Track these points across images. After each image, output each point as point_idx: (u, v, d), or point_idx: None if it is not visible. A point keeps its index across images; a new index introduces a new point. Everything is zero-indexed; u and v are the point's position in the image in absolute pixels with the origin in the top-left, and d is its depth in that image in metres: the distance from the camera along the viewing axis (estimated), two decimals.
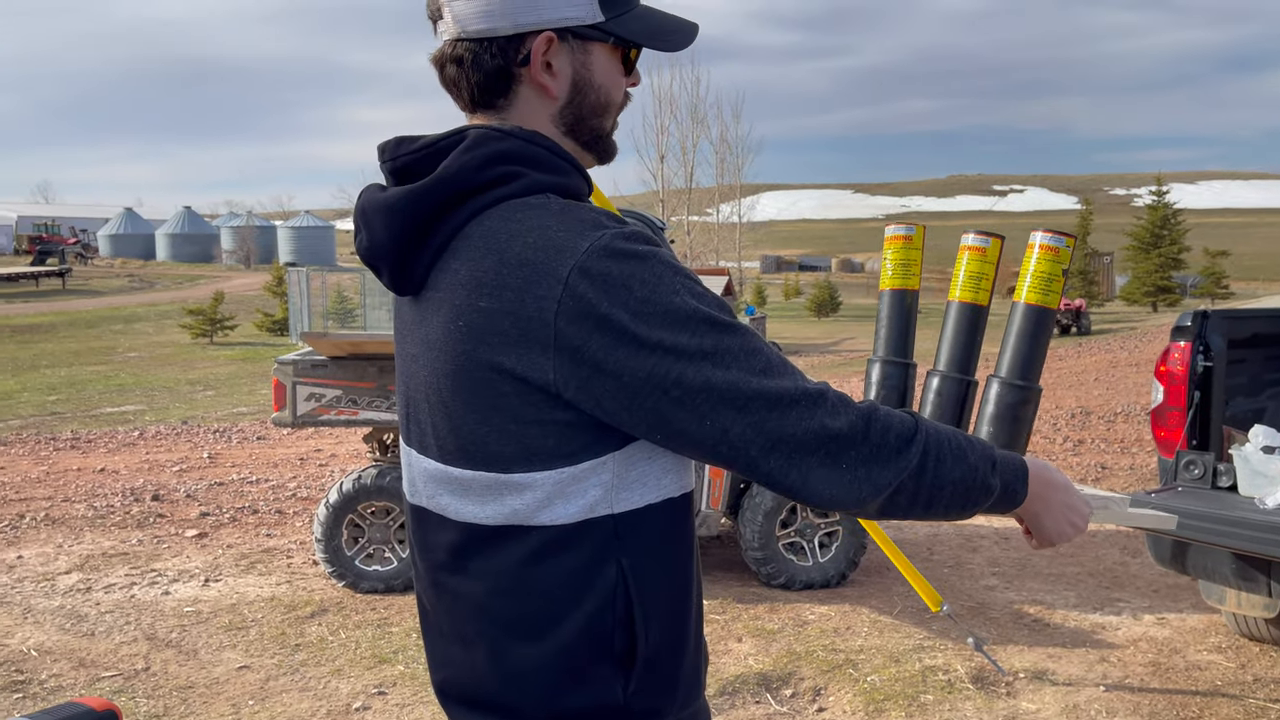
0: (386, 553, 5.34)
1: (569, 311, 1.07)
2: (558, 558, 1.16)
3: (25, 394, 14.56)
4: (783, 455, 1.10)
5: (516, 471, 1.15)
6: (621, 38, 1.21)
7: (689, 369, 1.08)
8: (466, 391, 1.14)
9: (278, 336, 23.15)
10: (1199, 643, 4.57)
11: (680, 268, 1.13)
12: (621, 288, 1.08)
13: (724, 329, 1.10)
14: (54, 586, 5.53)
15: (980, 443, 1.23)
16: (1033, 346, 1.52)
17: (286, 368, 5.26)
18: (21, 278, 39.05)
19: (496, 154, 1.15)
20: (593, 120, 1.23)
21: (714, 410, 1.09)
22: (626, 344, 1.07)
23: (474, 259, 1.12)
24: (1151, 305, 35.35)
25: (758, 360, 1.11)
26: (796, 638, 4.65)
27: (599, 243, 1.09)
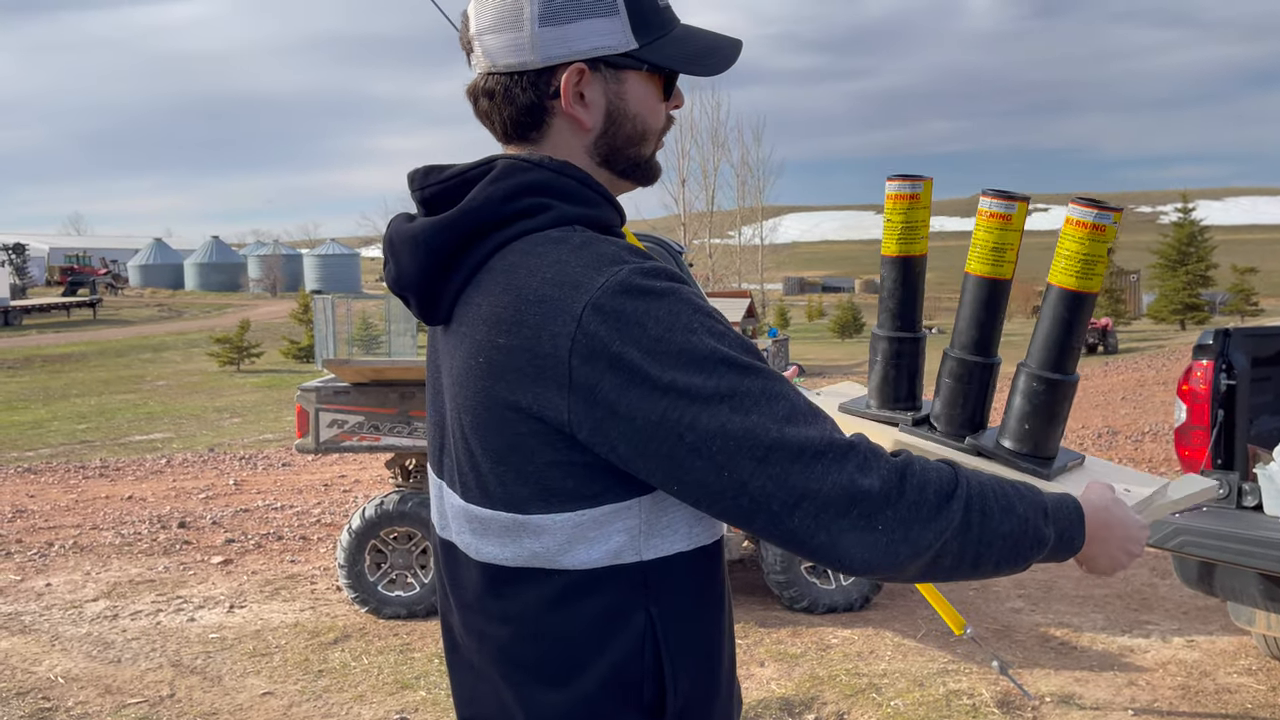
0: (409, 578, 5.36)
1: (582, 349, 1.03)
2: (581, 603, 1.12)
3: (56, 422, 14.75)
4: (808, 513, 1.03)
5: (534, 513, 1.11)
6: (656, 65, 1.17)
7: (704, 413, 1.02)
8: (485, 429, 1.11)
9: (303, 363, 23.35)
10: (1229, 665, 4.50)
11: (701, 305, 1.07)
12: (635, 325, 1.03)
13: (744, 370, 1.04)
14: (81, 614, 5.59)
15: (1028, 489, 1.16)
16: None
17: (309, 394, 5.31)
18: (53, 308, 39.65)
19: (524, 185, 1.12)
20: (629, 149, 1.20)
21: (731, 459, 1.02)
22: (639, 384, 1.03)
23: (494, 294, 1.10)
24: (1179, 323, 35.00)
25: (780, 406, 1.04)
26: (819, 662, 4.62)
27: (615, 278, 1.05)
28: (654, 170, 1.25)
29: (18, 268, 52.88)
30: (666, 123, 1.23)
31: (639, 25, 1.16)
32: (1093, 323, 26.57)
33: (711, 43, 1.22)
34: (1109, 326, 26.81)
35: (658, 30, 1.17)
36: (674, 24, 1.20)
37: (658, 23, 1.17)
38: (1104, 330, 26.46)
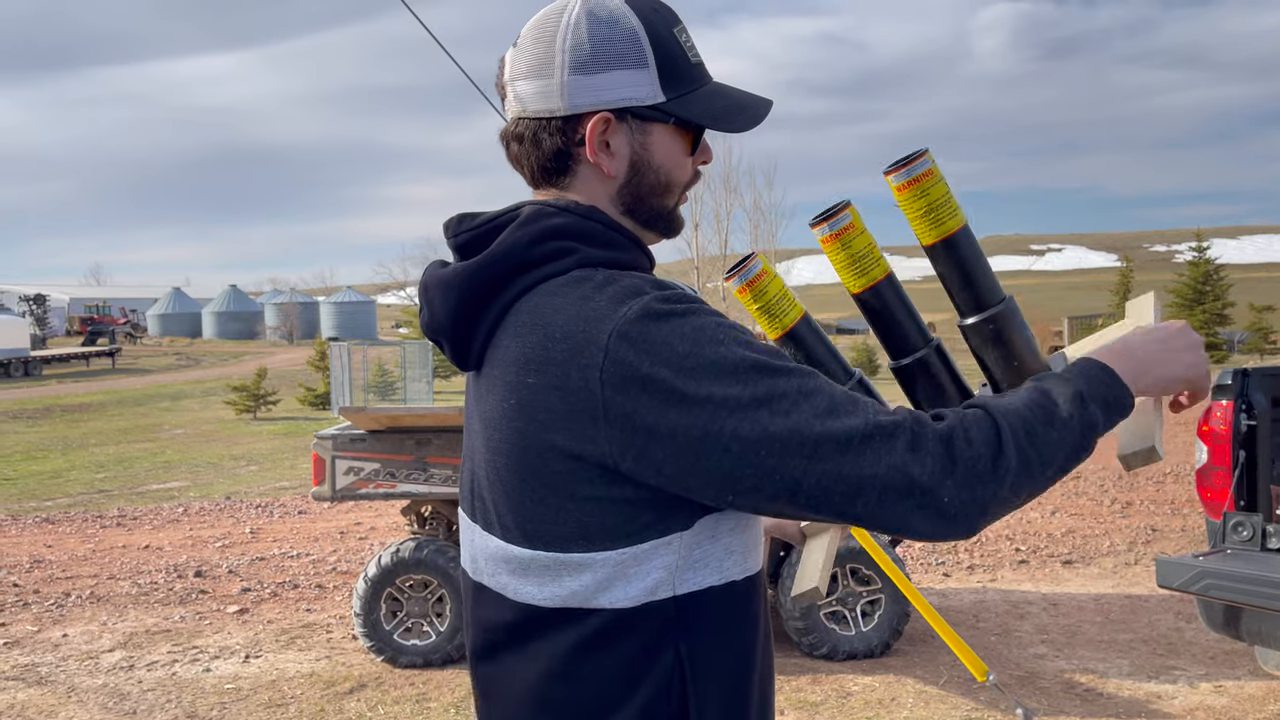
0: (425, 626, 5.33)
1: (613, 378, 1.04)
2: (615, 643, 1.12)
3: (74, 472, 14.81)
4: (870, 500, 1.04)
5: (575, 551, 1.11)
6: (683, 119, 1.18)
7: (744, 421, 1.02)
8: (523, 469, 1.12)
9: (320, 410, 23.42)
10: (1258, 710, 4.41)
11: (723, 319, 1.09)
12: (663, 345, 1.05)
13: (776, 373, 1.05)
14: (98, 665, 5.57)
15: (1054, 380, 1.14)
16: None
17: (325, 442, 5.32)
18: (73, 358, 39.99)
19: (548, 230, 1.14)
20: (652, 200, 1.21)
21: (781, 462, 1.03)
22: (676, 403, 1.03)
23: (522, 335, 1.11)
24: None
25: (819, 400, 1.05)
26: (840, 710, 4.55)
27: (636, 306, 1.06)
28: (677, 222, 1.25)
29: (38, 318, 53.51)
30: (693, 177, 1.23)
31: (668, 79, 1.17)
32: None
33: (740, 101, 1.23)
34: None
35: (688, 85, 1.18)
36: (705, 80, 1.21)
37: (688, 78, 1.19)
38: None
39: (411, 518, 5.84)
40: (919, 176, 1.27)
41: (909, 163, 1.27)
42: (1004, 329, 1.31)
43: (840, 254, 1.33)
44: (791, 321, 1.39)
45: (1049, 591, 6.58)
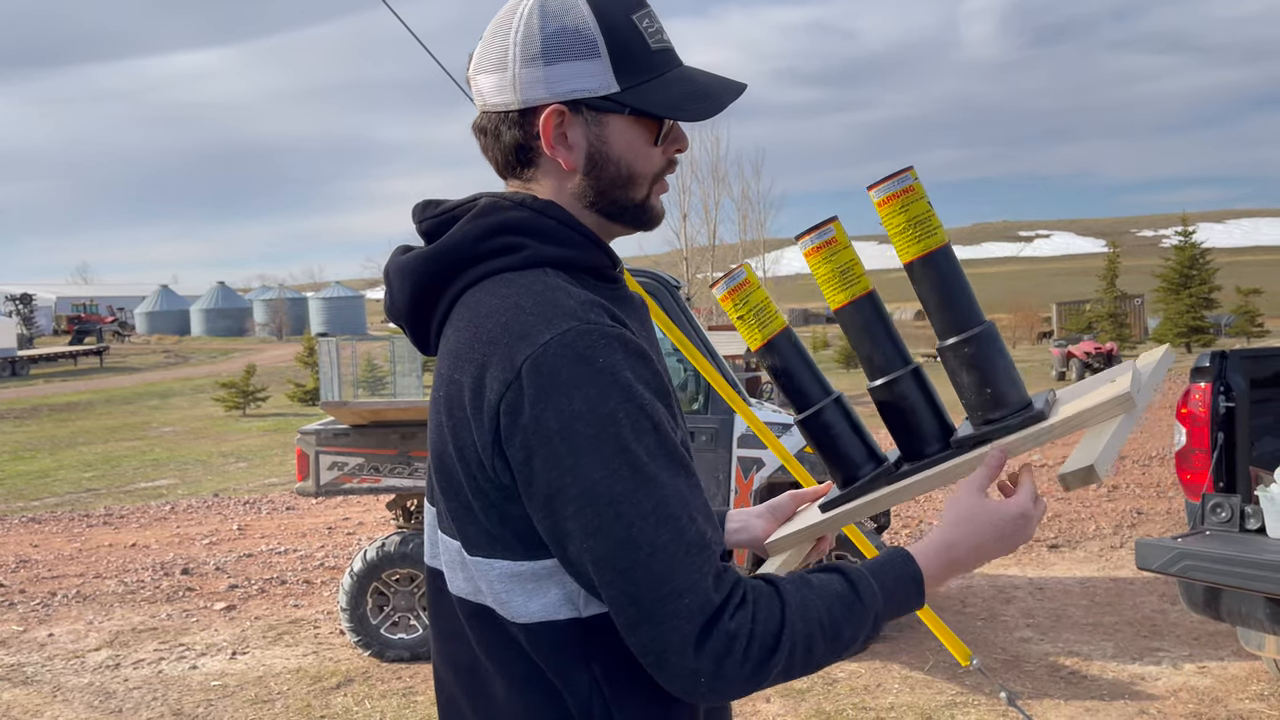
0: (412, 620, 5.32)
1: (510, 402, 1.04)
2: (525, 656, 1.13)
3: (61, 471, 14.75)
4: (646, 636, 1.04)
5: (477, 554, 1.13)
6: (637, 109, 1.14)
7: (588, 508, 1.03)
8: (442, 461, 1.14)
9: (309, 407, 23.34)
10: (1241, 691, 4.44)
11: (634, 393, 1.05)
12: (563, 394, 1.03)
13: (643, 481, 1.03)
14: (83, 664, 5.55)
15: (869, 592, 1.12)
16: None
17: (309, 437, 5.30)
18: (60, 357, 39.79)
19: (499, 224, 1.14)
20: (615, 193, 1.18)
21: (597, 561, 1.04)
22: (546, 453, 1.03)
23: (459, 329, 1.12)
24: (1185, 346, 34.91)
25: (664, 531, 1.03)
26: (826, 696, 4.57)
27: (560, 338, 1.04)
28: (649, 214, 1.21)
29: (25, 317, 53.19)
30: (665, 166, 1.20)
31: (622, 68, 1.14)
32: (1098, 347, 26.51)
33: (704, 87, 1.17)
34: (1114, 351, 26.72)
35: (645, 73, 1.15)
36: (668, 66, 1.17)
37: (646, 66, 1.15)
38: (1109, 355, 26.37)
39: (397, 512, 5.83)
40: (900, 192, 1.27)
41: (891, 178, 1.27)
42: (980, 354, 1.29)
43: (826, 267, 1.32)
44: (772, 333, 1.37)
45: (1035, 576, 6.60)
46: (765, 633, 1.05)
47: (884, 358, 1.34)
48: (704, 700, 1.06)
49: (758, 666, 1.05)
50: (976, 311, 1.31)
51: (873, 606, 1.12)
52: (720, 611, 1.04)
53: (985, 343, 1.29)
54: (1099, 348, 26.57)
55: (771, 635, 1.05)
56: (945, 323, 1.31)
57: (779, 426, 5.23)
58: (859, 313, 1.34)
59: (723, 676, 1.04)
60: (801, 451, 5.08)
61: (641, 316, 1.26)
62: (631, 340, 1.08)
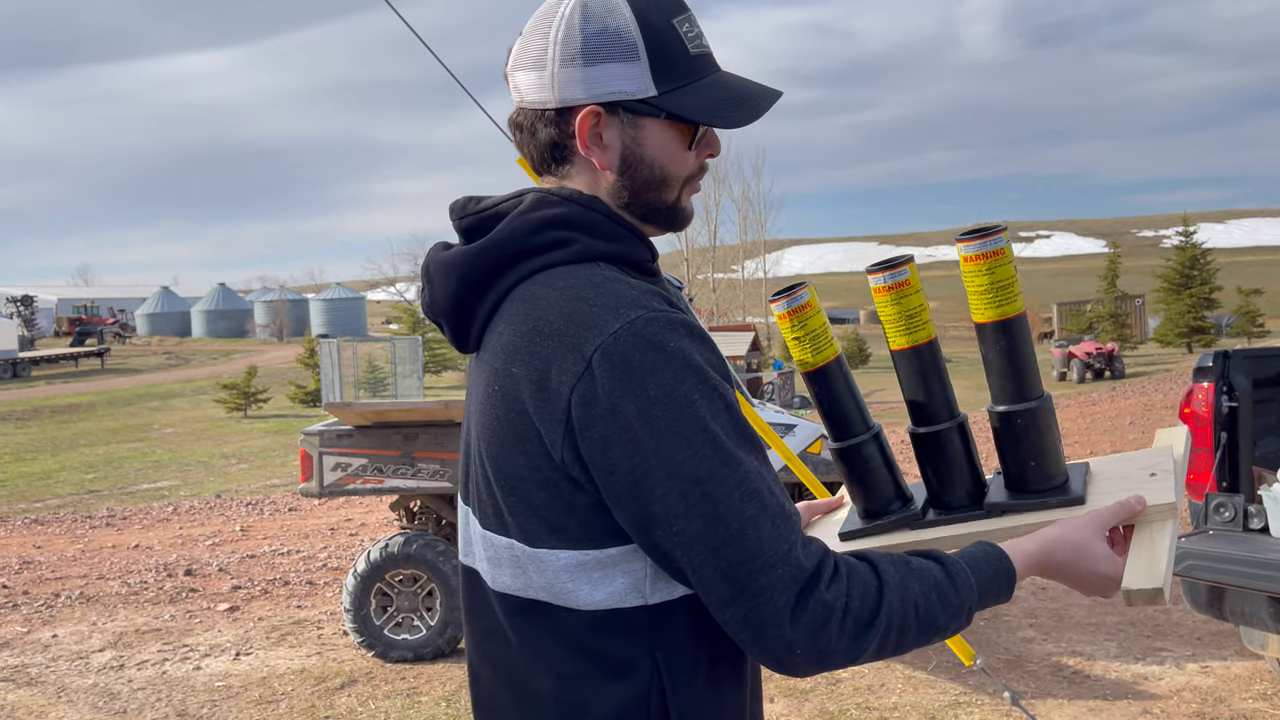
0: (415, 621, 5.33)
1: (584, 393, 1.05)
2: (587, 645, 1.12)
3: (64, 473, 14.77)
4: (740, 612, 1.05)
5: (540, 546, 1.12)
6: (674, 113, 1.15)
7: (674, 490, 1.04)
8: (499, 458, 1.13)
9: (310, 408, 23.38)
10: (1244, 690, 4.44)
11: (707, 376, 1.07)
12: (638, 381, 1.04)
13: (727, 459, 1.05)
14: (87, 665, 5.56)
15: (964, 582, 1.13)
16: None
17: (312, 438, 5.31)
18: (61, 359, 39.82)
19: (549, 219, 1.14)
20: (647, 195, 1.18)
21: (687, 543, 1.05)
22: (626, 441, 1.04)
23: (515, 323, 1.12)
24: (1186, 346, 34.92)
25: (750, 505, 1.04)
26: (829, 696, 4.57)
27: (629, 326, 1.06)
28: (679, 216, 1.22)
29: (26, 319, 53.21)
30: (697, 170, 1.21)
31: (660, 72, 1.14)
32: (1099, 348, 26.52)
33: (741, 93, 1.18)
34: (1115, 351, 26.73)
35: (683, 78, 1.15)
36: (705, 72, 1.17)
37: (684, 70, 1.16)
38: (1110, 355, 26.38)
39: (400, 513, 5.84)
40: (991, 253, 1.26)
41: (984, 235, 1.26)
42: (1033, 428, 1.31)
43: (891, 307, 1.33)
44: (824, 360, 1.36)
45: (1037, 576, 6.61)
46: (862, 607, 1.06)
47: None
48: (800, 672, 1.07)
49: (853, 640, 1.06)
50: (1036, 383, 1.32)
51: (968, 598, 1.13)
52: (814, 581, 1.05)
53: (1040, 418, 1.31)
54: (1100, 348, 26.59)
55: (868, 610, 1.07)
56: (1005, 389, 1.32)
57: (782, 427, 5.23)
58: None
59: (819, 648, 1.05)
60: (805, 452, 5.09)
61: (683, 308, 1.27)
62: (695, 325, 1.10)
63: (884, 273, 1.31)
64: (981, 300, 1.28)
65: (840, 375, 1.37)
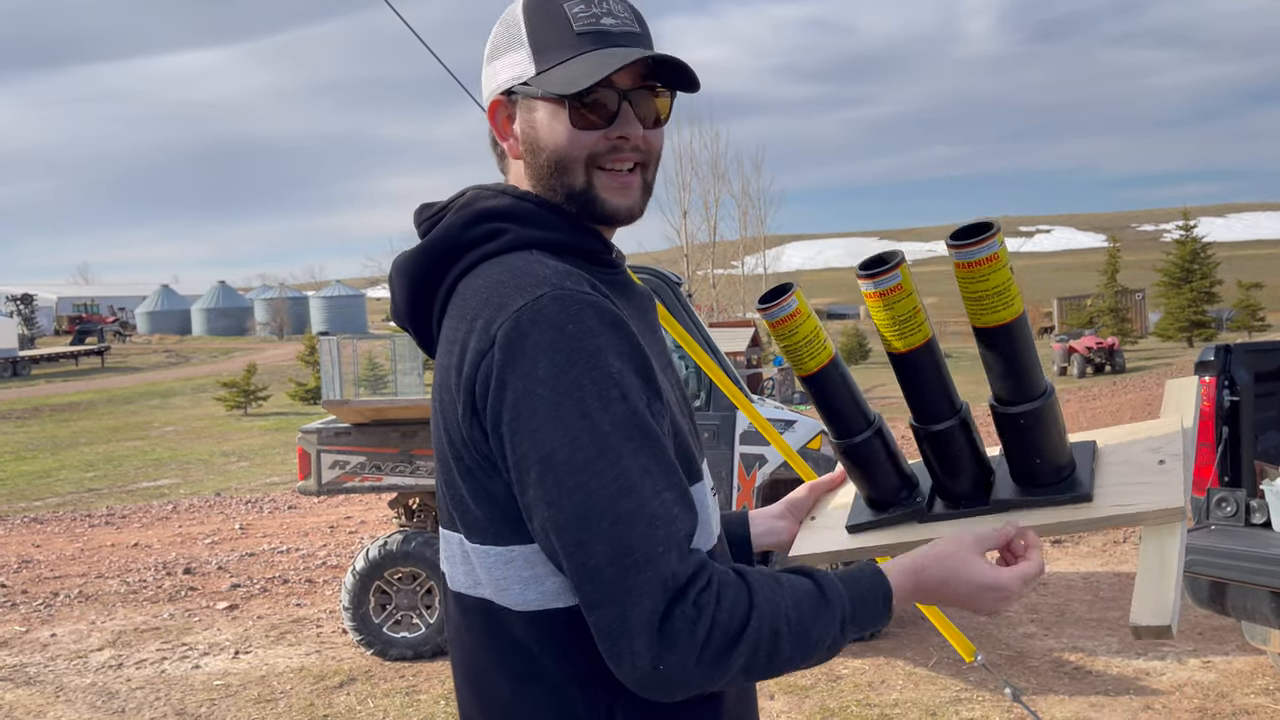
0: (414, 619, 5.31)
1: (485, 370, 1.04)
2: (528, 646, 1.10)
3: (63, 471, 14.75)
4: (605, 615, 1.00)
5: (475, 541, 1.12)
6: (546, 91, 1.14)
7: (549, 474, 1.00)
8: (439, 449, 1.14)
9: (310, 405, 23.35)
10: (1245, 686, 4.43)
11: (601, 363, 1.02)
12: (529, 359, 1.02)
13: (605, 451, 1.00)
14: (86, 664, 5.55)
15: (836, 596, 1.08)
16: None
17: (310, 436, 5.29)
18: (61, 357, 39.79)
19: (482, 212, 1.16)
20: (552, 179, 1.16)
21: (558, 535, 1.01)
22: (510, 419, 1.02)
23: (451, 317, 1.13)
24: (1187, 340, 34.87)
25: (626, 502, 0.99)
26: (830, 693, 4.56)
27: (532, 305, 1.04)
28: (595, 204, 1.16)
29: (26, 318, 53.18)
30: (605, 150, 1.15)
31: (540, 53, 1.15)
32: (1100, 342, 26.48)
33: (599, 63, 1.12)
34: (1116, 346, 26.69)
35: (563, 54, 1.13)
36: (591, 47, 1.13)
37: (565, 46, 1.13)
38: (1111, 349, 26.35)
39: (399, 510, 5.83)
40: (983, 260, 1.20)
41: (976, 241, 1.20)
42: (1037, 426, 1.28)
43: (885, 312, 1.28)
44: (816, 366, 1.32)
45: None
46: (730, 620, 1.01)
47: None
48: (656, 693, 1.00)
49: (718, 656, 1.00)
50: (1038, 380, 1.28)
51: (840, 611, 1.08)
52: (684, 591, 1.00)
53: (1044, 415, 1.27)
54: (1100, 342, 26.55)
55: (737, 624, 1.01)
56: (1006, 390, 1.28)
57: (781, 423, 5.21)
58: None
59: (679, 664, 0.99)
60: (804, 448, 5.07)
61: (642, 306, 1.25)
62: (607, 309, 1.06)
63: (873, 279, 1.25)
64: (977, 306, 1.23)
65: (836, 376, 1.34)
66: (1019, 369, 1.26)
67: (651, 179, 1.21)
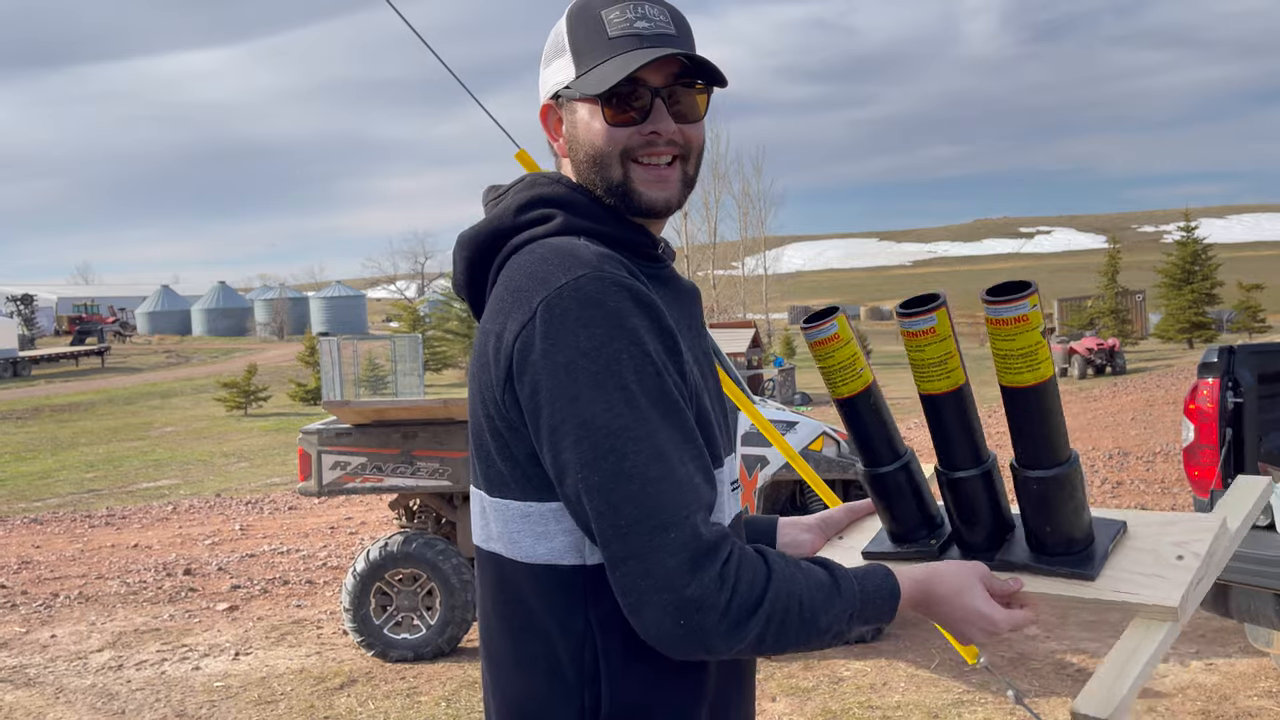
0: (415, 620, 5.30)
1: (525, 340, 1.11)
2: (528, 599, 1.18)
3: (64, 472, 14.74)
4: (630, 572, 1.06)
5: (495, 495, 1.20)
6: (583, 92, 1.23)
7: (585, 441, 1.07)
8: (472, 408, 1.22)
9: (310, 406, 23.34)
10: (1249, 688, 4.41)
11: (639, 339, 1.10)
12: (570, 332, 1.10)
13: (640, 418, 1.07)
14: (86, 665, 5.54)
15: (849, 589, 1.14)
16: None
17: (311, 437, 5.28)
18: (61, 358, 39.77)
19: (536, 198, 1.24)
20: (592, 173, 1.25)
21: (591, 494, 1.07)
22: (549, 388, 1.09)
23: (499, 287, 1.21)
24: (1187, 342, 34.87)
25: (656, 467, 1.07)
26: (832, 695, 4.55)
27: (574, 282, 1.12)
28: (632, 196, 1.24)
29: (26, 318, 53.19)
30: (642, 146, 1.23)
31: (579, 57, 1.24)
32: (1100, 343, 26.48)
33: (620, 64, 1.21)
34: (1116, 347, 26.69)
35: (598, 58, 1.22)
36: (623, 50, 1.21)
37: (600, 51, 1.22)
38: (1111, 351, 26.34)
39: (400, 511, 5.81)
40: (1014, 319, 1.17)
41: (1007, 301, 1.16)
42: (1049, 495, 1.26)
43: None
44: (848, 392, 1.32)
45: None
46: (749, 591, 1.07)
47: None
48: (677, 650, 1.07)
49: (735, 624, 1.06)
50: (1060, 447, 1.24)
51: (850, 602, 1.15)
52: (708, 556, 1.06)
53: (1058, 486, 1.25)
54: (1101, 344, 26.55)
55: (755, 596, 1.07)
56: (1024, 450, 1.27)
57: (783, 424, 5.20)
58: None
59: (701, 626, 1.05)
60: (806, 449, 5.06)
61: (685, 302, 1.30)
62: (644, 293, 1.14)
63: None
64: (1003, 365, 1.22)
65: (868, 405, 1.33)
66: (1037, 434, 1.24)
67: (693, 172, 1.28)
